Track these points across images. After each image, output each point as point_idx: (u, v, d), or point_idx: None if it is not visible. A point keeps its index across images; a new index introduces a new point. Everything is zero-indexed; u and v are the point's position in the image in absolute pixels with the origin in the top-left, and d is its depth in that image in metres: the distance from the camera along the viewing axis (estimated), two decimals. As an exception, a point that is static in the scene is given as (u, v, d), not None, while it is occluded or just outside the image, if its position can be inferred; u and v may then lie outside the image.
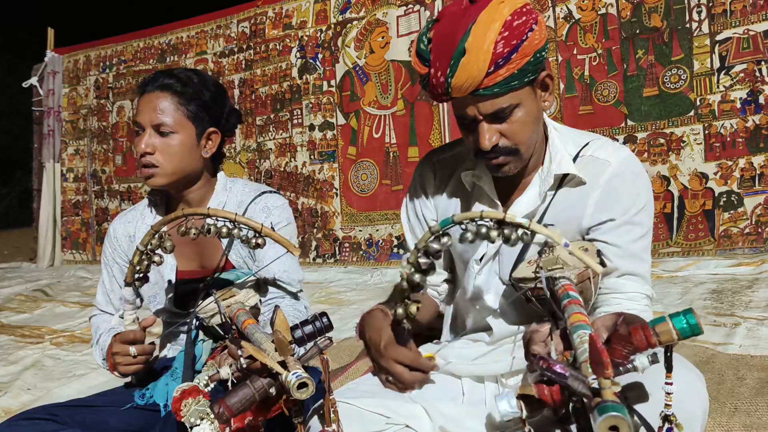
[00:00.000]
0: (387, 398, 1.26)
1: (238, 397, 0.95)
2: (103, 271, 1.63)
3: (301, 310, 1.50)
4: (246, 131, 5.20)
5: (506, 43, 1.15)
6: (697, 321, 0.80)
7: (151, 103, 1.44)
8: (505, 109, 1.18)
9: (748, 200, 3.38)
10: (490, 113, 1.19)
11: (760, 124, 3.36)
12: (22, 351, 2.93)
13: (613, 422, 0.71)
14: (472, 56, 1.15)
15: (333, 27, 4.74)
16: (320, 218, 4.77)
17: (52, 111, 6.26)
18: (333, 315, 2.96)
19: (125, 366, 1.33)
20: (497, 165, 1.24)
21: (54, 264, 6.13)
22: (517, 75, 1.17)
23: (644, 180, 1.29)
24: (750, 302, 2.43)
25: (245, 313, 1.14)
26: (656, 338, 0.80)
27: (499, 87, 1.17)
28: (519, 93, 1.19)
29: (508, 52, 1.15)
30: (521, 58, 1.16)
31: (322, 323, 1.07)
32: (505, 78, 1.16)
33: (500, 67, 1.15)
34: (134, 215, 1.62)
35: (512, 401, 0.86)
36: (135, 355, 1.31)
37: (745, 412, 1.46)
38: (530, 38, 1.17)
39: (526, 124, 1.21)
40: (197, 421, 0.91)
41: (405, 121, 4.41)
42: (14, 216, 12.06)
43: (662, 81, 3.58)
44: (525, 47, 1.16)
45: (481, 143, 1.20)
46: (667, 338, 0.79)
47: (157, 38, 5.79)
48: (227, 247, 1.47)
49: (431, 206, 1.46)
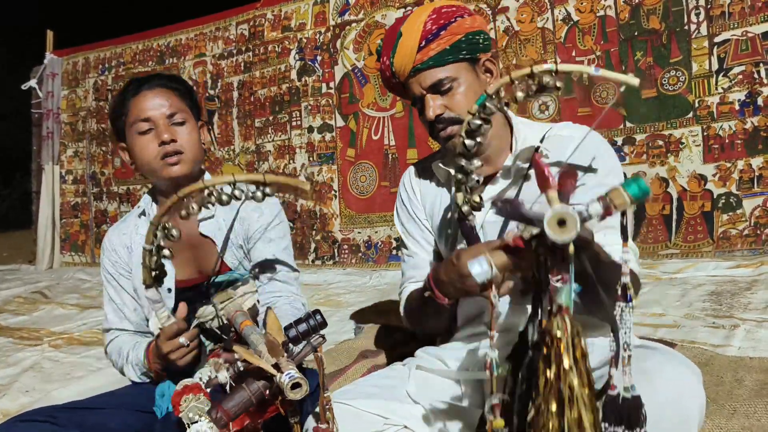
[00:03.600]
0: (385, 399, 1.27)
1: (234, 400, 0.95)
2: (107, 288, 1.59)
3: (299, 308, 1.50)
4: (245, 133, 5.20)
5: (434, 22, 1.33)
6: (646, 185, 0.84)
7: (156, 98, 1.46)
8: (443, 80, 1.34)
9: (746, 202, 3.38)
10: (429, 85, 1.34)
11: (759, 125, 3.36)
12: (21, 353, 2.92)
13: (559, 216, 0.77)
14: (406, 37, 1.34)
15: (332, 29, 4.75)
16: (319, 220, 4.77)
17: (51, 113, 6.26)
18: (332, 317, 2.98)
19: (183, 359, 1.31)
20: (447, 137, 1.36)
21: (53, 266, 6.12)
22: (450, 50, 1.33)
23: (607, 147, 1.39)
24: (749, 304, 2.43)
25: (242, 315, 1.15)
26: (611, 202, 0.84)
27: (434, 60, 1.33)
28: (455, 68, 1.34)
29: (436, 29, 1.33)
30: (450, 35, 1.33)
31: (315, 320, 1.07)
32: (438, 52, 1.33)
33: (430, 42, 1.32)
34: (127, 226, 1.61)
35: (483, 263, 0.89)
36: (186, 344, 1.29)
37: (743, 414, 1.46)
38: (459, 22, 1.34)
39: (467, 96, 1.35)
40: (195, 417, 0.92)
41: (404, 123, 4.42)
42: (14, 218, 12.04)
43: (661, 83, 3.59)
44: (453, 27, 1.34)
45: (426, 113, 1.36)
46: (619, 201, 0.83)
47: (156, 40, 5.79)
48: (222, 250, 1.47)
49: (420, 206, 1.56)
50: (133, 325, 1.57)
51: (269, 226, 1.53)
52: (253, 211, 1.52)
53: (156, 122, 1.44)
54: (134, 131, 1.45)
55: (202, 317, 1.28)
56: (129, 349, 1.51)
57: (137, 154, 1.46)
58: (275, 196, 1.23)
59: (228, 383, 0.97)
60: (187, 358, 1.31)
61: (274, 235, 1.55)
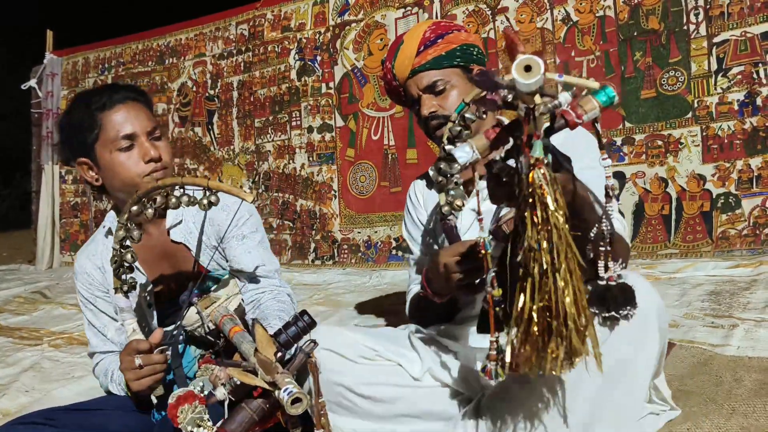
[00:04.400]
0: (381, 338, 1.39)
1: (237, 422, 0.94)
2: (86, 313, 1.56)
3: (284, 300, 1.47)
4: (245, 133, 5.20)
5: (432, 32, 1.50)
6: (614, 92, 0.91)
7: (134, 113, 1.43)
8: (437, 82, 1.48)
9: (745, 202, 3.38)
10: (425, 86, 1.49)
11: (758, 126, 3.36)
12: (21, 353, 2.92)
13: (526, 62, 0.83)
14: (406, 44, 1.51)
15: (332, 29, 4.75)
16: (319, 220, 4.77)
17: (51, 113, 6.26)
18: (332, 317, 2.99)
19: (135, 381, 1.23)
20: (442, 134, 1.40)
21: (53, 266, 6.12)
22: (445, 56, 1.48)
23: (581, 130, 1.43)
24: (748, 304, 2.43)
25: (230, 320, 1.14)
26: (581, 109, 0.90)
27: (430, 63, 1.48)
28: (450, 72, 1.49)
29: (434, 37, 1.49)
30: (446, 43, 1.48)
31: (304, 322, 1.07)
32: (435, 57, 1.48)
33: (428, 47, 1.48)
34: (96, 247, 1.57)
35: (465, 147, 0.94)
36: (140, 366, 1.22)
37: (742, 414, 1.46)
38: (455, 34, 1.51)
39: (459, 98, 1.45)
40: (194, 428, 0.91)
41: (403, 124, 4.42)
42: (14, 218, 12.03)
43: (660, 83, 3.59)
44: (450, 37, 1.49)
45: (422, 110, 1.50)
46: (589, 106, 0.90)
47: (156, 40, 5.79)
48: (197, 254, 1.46)
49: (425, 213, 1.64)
50: (118, 345, 1.53)
51: (239, 221, 1.52)
52: (221, 210, 1.49)
53: (139, 138, 1.41)
54: (112, 148, 1.40)
55: (188, 325, 1.27)
56: (114, 368, 1.47)
57: (116, 171, 1.41)
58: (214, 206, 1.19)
59: (226, 399, 0.96)
60: (140, 383, 1.23)
61: (246, 230, 1.52)
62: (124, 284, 1.24)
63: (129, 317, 1.27)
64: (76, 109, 1.44)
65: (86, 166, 1.46)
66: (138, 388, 1.24)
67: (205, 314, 1.23)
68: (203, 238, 1.48)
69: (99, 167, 1.44)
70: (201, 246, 1.47)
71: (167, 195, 1.14)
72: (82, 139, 1.42)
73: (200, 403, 0.93)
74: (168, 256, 1.50)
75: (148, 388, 1.26)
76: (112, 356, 1.53)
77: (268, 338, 1.01)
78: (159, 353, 1.26)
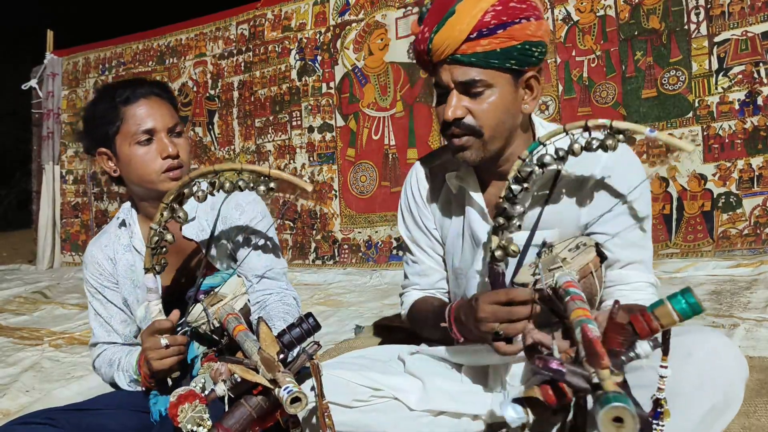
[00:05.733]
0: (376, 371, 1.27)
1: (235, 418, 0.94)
2: (92, 303, 1.56)
3: (290, 303, 1.48)
4: (245, 133, 5.20)
5: (495, 16, 1.14)
6: (696, 299, 0.79)
7: (157, 109, 1.43)
8: (477, 82, 1.18)
9: (746, 201, 3.38)
10: (461, 81, 1.19)
11: (759, 125, 3.36)
12: (21, 353, 2.92)
13: (615, 413, 0.70)
14: (458, 17, 1.15)
15: (332, 29, 4.75)
16: (319, 220, 4.77)
17: (51, 113, 6.26)
18: (332, 317, 2.98)
19: (159, 360, 1.25)
20: (460, 146, 1.24)
21: (53, 266, 6.12)
22: (499, 54, 1.16)
23: (638, 168, 1.30)
24: (748, 303, 2.43)
25: (235, 319, 1.14)
26: (657, 322, 0.80)
27: (477, 58, 1.16)
28: (496, 75, 1.18)
29: (495, 25, 1.14)
30: (507, 38, 1.15)
31: (309, 324, 1.07)
32: (485, 51, 1.15)
33: (483, 37, 1.15)
34: (108, 238, 1.58)
35: (517, 407, 0.85)
36: (167, 345, 1.24)
37: (743, 414, 1.46)
38: (523, 25, 1.16)
39: (497, 110, 1.20)
40: (194, 426, 0.91)
41: (404, 123, 4.42)
42: (13, 218, 12.02)
43: (661, 82, 3.59)
44: (514, 30, 1.15)
45: (446, 112, 1.21)
46: (667, 321, 0.79)
47: (156, 40, 5.79)
48: (207, 252, 1.46)
49: (429, 215, 1.47)
50: (122, 337, 1.55)
51: (252, 222, 1.52)
52: (234, 210, 1.50)
53: (158, 134, 1.42)
54: (131, 141, 1.42)
55: (192, 321, 1.27)
56: (122, 356, 1.48)
57: (133, 164, 1.42)
58: (274, 194, 1.21)
59: (226, 395, 0.96)
60: (163, 362, 1.25)
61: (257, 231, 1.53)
62: (157, 265, 1.26)
63: (155, 298, 1.28)
64: (100, 101, 1.46)
65: (106, 156, 1.48)
66: (160, 366, 1.25)
67: (211, 312, 1.23)
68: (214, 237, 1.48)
69: (118, 159, 1.46)
70: (212, 244, 1.47)
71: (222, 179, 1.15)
72: (104, 130, 1.44)
73: (201, 403, 0.93)
74: (178, 252, 1.50)
75: (169, 369, 1.27)
76: (116, 348, 1.53)
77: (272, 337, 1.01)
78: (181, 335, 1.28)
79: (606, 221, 1.23)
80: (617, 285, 1.25)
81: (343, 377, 1.23)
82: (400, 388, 1.25)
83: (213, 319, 1.22)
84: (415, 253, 1.52)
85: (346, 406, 1.21)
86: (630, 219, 1.24)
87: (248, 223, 1.51)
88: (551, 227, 1.23)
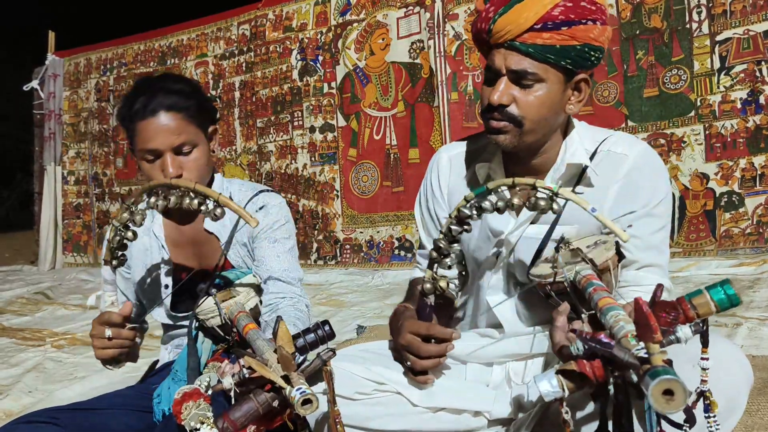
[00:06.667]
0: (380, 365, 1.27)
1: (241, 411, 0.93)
2: None
3: (303, 310, 1.48)
4: (246, 133, 5.21)
5: (564, 12, 1.15)
6: (735, 291, 0.79)
7: (163, 127, 1.39)
8: (529, 74, 1.18)
9: (749, 200, 3.38)
10: (513, 70, 1.19)
11: (761, 124, 3.35)
12: (24, 354, 2.93)
13: (667, 386, 0.69)
14: (526, 4, 1.15)
15: (333, 29, 4.75)
16: (321, 220, 4.77)
17: (53, 114, 6.27)
18: (334, 317, 2.98)
19: (101, 350, 1.31)
20: (497, 129, 1.23)
21: (55, 267, 6.13)
22: (557, 50, 1.17)
23: (662, 172, 1.30)
24: (751, 302, 2.43)
25: (246, 317, 1.14)
26: (694, 311, 0.79)
27: (534, 49, 1.16)
28: (549, 70, 1.19)
29: (561, 20, 1.15)
30: (569, 36, 1.16)
31: (324, 332, 1.06)
32: (545, 45, 1.16)
33: (547, 29, 1.15)
34: None
35: (553, 381, 0.85)
36: (110, 337, 1.29)
37: (746, 412, 1.45)
38: (588, 27, 1.17)
39: (542, 105, 1.21)
40: (197, 425, 0.91)
41: (405, 123, 4.42)
42: (15, 219, 12.05)
43: (662, 81, 3.58)
44: (578, 29, 1.16)
45: (491, 95, 1.20)
46: (705, 310, 0.78)
47: (158, 41, 5.80)
48: (226, 247, 1.46)
49: (444, 204, 1.45)
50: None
51: (275, 225, 1.52)
52: (259, 210, 1.51)
53: (163, 154, 1.40)
54: (140, 155, 1.42)
55: (202, 314, 1.27)
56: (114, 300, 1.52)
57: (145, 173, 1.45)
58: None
59: (232, 390, 0.96)
60: (104, 352, 1.31)
61: (279, 235, 1.53)
62: (114, 259, 1.29)
63: (110, 290, 1.33)
64: (125, 105, 1.45)
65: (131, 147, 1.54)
66: (102, 356, 1.33)
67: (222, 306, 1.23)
68: (236, 234, 1.48)
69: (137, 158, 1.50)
70: (232, 240, 1.47)
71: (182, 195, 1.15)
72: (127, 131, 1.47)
73: (205, 401, 0.93)
74: (197, 243, 1.50)
75: (110, 359, 1.34)
76: None
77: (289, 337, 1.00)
78: (129, 330, 1.33)
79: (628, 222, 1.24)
80: (631, 286, 1.25)
81: (347, 369, 1.23)
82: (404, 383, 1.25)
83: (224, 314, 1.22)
84: (423, 238, 1.53)
85: (349, 399, 1.21)
86: (653, 222, 1.25)
87: (271, 225, 1.51)
88: (570, 224, 1.23)
